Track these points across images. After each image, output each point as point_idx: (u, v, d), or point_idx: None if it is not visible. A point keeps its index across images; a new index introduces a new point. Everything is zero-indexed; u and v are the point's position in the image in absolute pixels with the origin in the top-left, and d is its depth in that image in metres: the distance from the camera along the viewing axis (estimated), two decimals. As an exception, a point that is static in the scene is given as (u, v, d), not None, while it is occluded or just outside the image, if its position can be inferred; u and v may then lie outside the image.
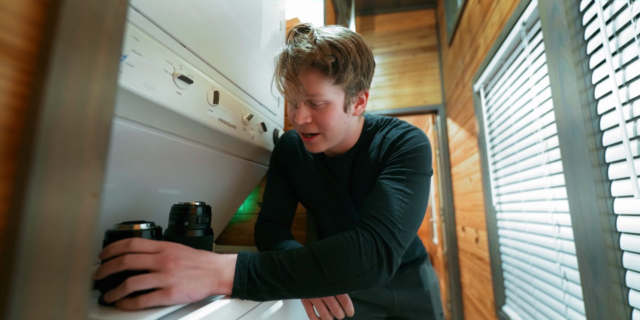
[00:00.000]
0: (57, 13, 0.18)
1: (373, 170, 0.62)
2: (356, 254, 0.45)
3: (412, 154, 0.56)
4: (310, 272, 0.43)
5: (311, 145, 0.60)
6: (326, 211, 0.74)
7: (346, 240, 0.46)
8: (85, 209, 0.19)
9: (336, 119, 0.57)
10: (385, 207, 0.50)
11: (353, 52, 0.53)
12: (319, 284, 0.43)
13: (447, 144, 2.63)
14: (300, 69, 0.53)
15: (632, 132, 0.65)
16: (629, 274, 0.68)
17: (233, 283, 0.41)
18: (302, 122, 0.56)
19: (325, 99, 0.54)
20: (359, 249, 0.45)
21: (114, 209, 0.54)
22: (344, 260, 0.44)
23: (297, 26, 0.56)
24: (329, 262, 0.44)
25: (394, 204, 0.50)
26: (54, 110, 0.18)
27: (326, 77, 0.53)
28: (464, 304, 2.29)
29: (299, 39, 0.54)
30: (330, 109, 0.56)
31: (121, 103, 0.40)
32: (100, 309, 0.36)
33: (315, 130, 0.58)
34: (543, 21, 0.96)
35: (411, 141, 0.58)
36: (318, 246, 0.46)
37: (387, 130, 0.64)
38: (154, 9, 0.44)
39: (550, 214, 1.06)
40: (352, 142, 0.66)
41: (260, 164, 0.88)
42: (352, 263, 0.44)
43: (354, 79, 0.55)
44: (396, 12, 3.07)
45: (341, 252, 0.44)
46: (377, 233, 0.47)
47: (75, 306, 0.18)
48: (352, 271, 0.44)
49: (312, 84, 0.53)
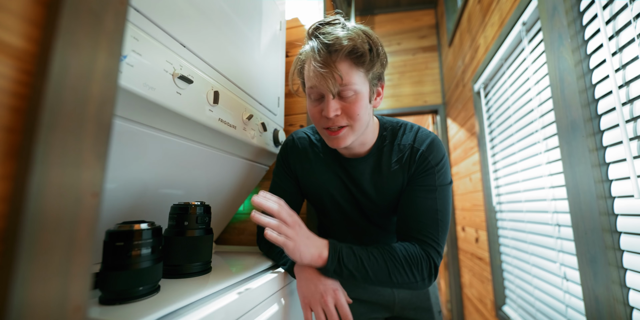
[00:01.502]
0: (57, 13, 0.18)
1: (398, 179, 0.65)
2: (415, 270, 0.57)
3: (442, 168, 0.63)
4: (381, 273, 0.55)
5: (338, 139, 0.59)
6: (338, 210, 0.73)
7: (410, 256, 0.57)
8: (85, 209, 0.19)
9: (364, 108, 0.58)
10: (431, 229, 0.60)
11: (379, 42, 0.57)
12: (384, 283, 0.56)
13: (447, 144, 2.64)
14: (338, 56, 0.53)
15: (632, 132, 0.65)
16: (629, 274, 0.68)
17: (327, 261, 0.53)
18: (333, 113, 0.56)
19: (356, 88, 0.55)
20: (419, 266, 0.57)
21: (114, 209, 0.54)
22: (406, 272, 0.56)
23: (320, 21, 0.57)
24: (396, 271, 0.56)
25: (435, 225, 0.60)
26: (54, 110, 0.18)
27: (359, 66, 0.55)
28: (464, 304, 2.29)
29: (331, 29, 0.54)
30: (359, 99, 0.56)
31: (121, 103, 0.40)
32: (100, 309, 0.36)
33: (344, 123, 0.58)
34: (543, 21, 0.96)
35: (438, 152, 0.63)
36: (388, 255, 0.56)
37: (408, 137, 0.65)
38: (154, 9, 0.44)
39: (550, 214, 1.06)
40: (368, 142, 0.66)
41: (260, 164, 0.88)
42: (411, 276, 0.57)
43: (379, 68, 0.58)
44: (396, 12, 3.07)
45: (405, 266, 0.56)
46: (430, 254, 0.58)
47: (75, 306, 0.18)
48: (409, 280, 0.57)
49: (346, 73, 0.54)
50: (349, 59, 0.54)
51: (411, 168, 0.64)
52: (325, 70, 0.54)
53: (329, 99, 0.56)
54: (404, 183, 0.65)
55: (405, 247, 0.58)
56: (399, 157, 0.65)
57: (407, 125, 0.68)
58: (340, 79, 0.54)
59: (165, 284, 0.45)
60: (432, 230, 0.60)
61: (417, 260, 0.57)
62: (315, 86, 0.56)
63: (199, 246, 0.52)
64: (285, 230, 0.51)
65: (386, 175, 0.66)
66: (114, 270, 0.38)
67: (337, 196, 0.71)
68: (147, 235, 0.41)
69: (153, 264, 0.41)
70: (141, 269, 0.39)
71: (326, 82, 0.54)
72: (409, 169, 0.64)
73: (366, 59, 0.54)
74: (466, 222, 2.17)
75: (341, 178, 0.70)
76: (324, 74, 0.54)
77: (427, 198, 0.61)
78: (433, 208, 0.61)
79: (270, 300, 0.54)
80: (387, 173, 0.66)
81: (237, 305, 0.43)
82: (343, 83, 0.54)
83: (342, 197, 0.71)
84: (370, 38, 0.56)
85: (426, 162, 0.62)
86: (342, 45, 0.52)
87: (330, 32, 0.54)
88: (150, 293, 0.40)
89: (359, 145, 0.65)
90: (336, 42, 0.53)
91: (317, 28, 0.56)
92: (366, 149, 0.66)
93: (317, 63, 0.54)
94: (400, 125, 0.68)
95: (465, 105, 2.05)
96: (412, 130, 0.66)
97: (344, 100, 0.56)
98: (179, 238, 0.51)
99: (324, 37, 0.54)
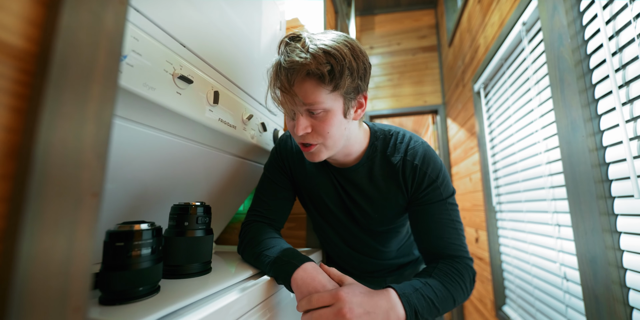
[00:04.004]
0: (57, 13, 0.18)
1: (392, 192, 0.64)
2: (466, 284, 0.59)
3: (443, 180, 0.63)
4: (448, 304, 0.55)
5: (311, 154, 0.58)
6: (329, 214, 0.72)
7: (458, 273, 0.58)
8: (85, 209, 0.19)
9: (336, 126, 0.56)
10: (456, 241, 0.62)
11: (348, 57, 0.51)
12: (449, 309, 0.56)
13: (447, 144, 2.63)
14: (295, 79, 0.51)
15: (632, 132, 0.65)
16: (629, 274, 0.68)
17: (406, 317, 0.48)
18: (302, 132, 0.54)
19: (324, 106, 0.53)
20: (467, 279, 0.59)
21: (114, 209, 0.54)
22: (462, 291, 0.58)
23: (288, 35, 0.55)
24: (456, 294, 0.56)
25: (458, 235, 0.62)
26: (54, 110, 0.18)
27: (323, 85, 0.51)
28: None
29: (291, 48, 0.52)
30: (329, 117, 0.54)
31: (121, 103, 0.40)
32: (100, 309, 0.36)
33: (316, 140, 0.56)
34: (543, 21, 0.96)
35: (435, 163, 0.62)
36: (449, 283, 0.56)
37: (400, 148, 0.63)
38: (154, 9, 0.44)
39: (550, 214, 1.06)
40: (357, 152, 0.64)
41: (260, 164, 0.88)
42: (466, 292, 0.59)
43: (352, 83, 0.54)
44: (396, 12, 3.07)
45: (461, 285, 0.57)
46: (468, 264, 0.61)
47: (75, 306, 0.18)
48: (465, 296, 0.59)
49: (308, 94, 0.52)
50: (310, 80, 0.51)
51: (408, 184, 0.62)
52: (285, 96, 0.53)
53: (298, 116, 0.55)
54: (402, 197, 0.64)
55: (449, 265, 0.59)
56: (390, 169, 0.63)
57: (398, 134, 0.66)
58: (301, 102, 0.52)
59: (165, 284, 0.45)
60: (458, 241, 0.61)
61: (463, 275, 0.58)
62: (281, 104, 0.56)
63: (199, 246, 0.52)
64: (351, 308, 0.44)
65: (379, 187, 0.64)
66: (114, 271, 0.38)
67: (328, 201, 0.70)
68: (147, 235, 0.41)
69: (153, 264, 0.41)
70: (141, 269, 0.39)
71: (288, 103, 0.54)
72: (407, 185, 0.63)
73: (326, 80, 0.51)
74: (466, 222, 2.17)
75: (333, 183, 0.69)
76: (285, 96, 0.54)
77: (441, 213, 0.61)
78: (449, 220, 0.61)
79: (271, 300, 0.53)
80: (380, 184, 0.64)
81: (238, 305, 0.43)
82: (306, 103, 0.52)
83: (333, 203, 0.70)
84: (332, 57, 0.50)
85: (426, 176, 0.61)
86: (296, 69, 0.51)
87: (289, 52, 0.52)
88: (150, 293, 0.40)
89: (344, 156, 0.64)
90: (292, 67, 0.51)
91: (286, 43, 0.54)
92: (353, 158, 0.65)
93: (277, 88, 0.54)
94: (392, 133, 0.66)
95: (465, 105, 2.05)
96: (404, 141, 0.64)
97: (314, 117, 0.55)
98: (179, 238, 0.51)
99: (284, 57, 0.52)
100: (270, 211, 0.69)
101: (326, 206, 0.71)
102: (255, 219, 0.68)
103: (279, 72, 0.53)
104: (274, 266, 0.53)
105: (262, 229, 0.65)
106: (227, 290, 0.46)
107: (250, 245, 0.61)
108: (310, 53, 0.50)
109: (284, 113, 0.58)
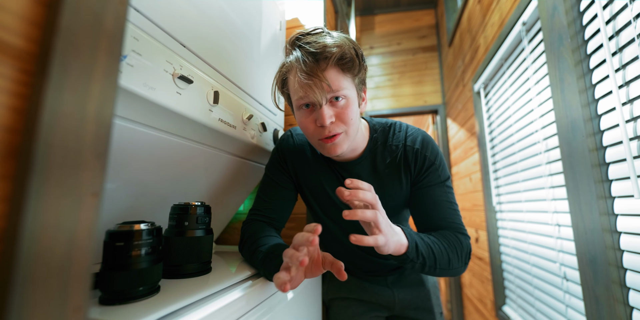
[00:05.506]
0: (57, 13, 0.18)
1: (396, 179, 0.66)
2: (461, 255, 0.59)
3: (441, 162, 0.65)
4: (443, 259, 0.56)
5: (334, 146, 0.58)
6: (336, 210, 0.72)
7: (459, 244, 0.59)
8: (85, 209, 0.19)
9: (355, 113, 0.58)
10: (454, 219, 0.63)
11: (359, 48, 0.58)
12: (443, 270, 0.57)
13: (447, 144, 2.64)
14: (327, 64, 0.54)
15: (632, 132, 0.65)
16: (629, 274, 0.68)
17: (407, 248, 0.51)
18: (329, 121, 0.55)
19: (346, 93, 0.56)
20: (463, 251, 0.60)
21: (114, 209, 0.54)
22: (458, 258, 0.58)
23: (299, 32, 0.57)
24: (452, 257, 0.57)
25: (455, 215, 0.63)
26: (54, 110, 0.18)
27: (346, 72, 0.55)
28: (464, 304, 2.29)
29: (316, 38, 0.55)
30: (350, 104, 0.57)
31: (121, 103, 0.40)
32: (100, 309, 0.36)
33: (339, 129, 0.57)
34: (543, 21, 0.96)
35: (433, 147, 0.65)
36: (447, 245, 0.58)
37: (399, 137, 0.66)
38: (154, 9, 0.44)
39: (550, 214, 1.06)
40: (360, 146, 0.66)
41: (260, 164, 0.88)
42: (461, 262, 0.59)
43: (364, 74, 0.59)
44: (396, 12, 3.07)
45: (458, 251, 0.58)
46: (468, 243, 0.61)
47: (75, 306, 0.18)
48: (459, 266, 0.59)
49: (334, 80, 0.54)
50: (337, 66, 0.55)
51: (411, 167, 0.64)
52: (313, 80, 0.54)
53: (322, 107, 0.55)
54: (405, 183, 0.65)
55: (449, 232, 0.60)
56: (392, 158, 0.65)
57: (395, 124, 0.69)
58: (329, 87, 0.54)
59: (165, 284, 0.45)
60: (455, 220, 0.63)
61: (462, 242, 0.59)
62: (304, 97, 0.56)
63: (199, 246, 0.52)
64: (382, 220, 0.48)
65: (383, 177, 0.66)
66: (114, 271, 0.38)
67: (333, 196, 0.70)
68: (147, 235, 0.41)
69: (153, 264, 0.41)
70: (141, 269, 0.39)
71: (315, 92, 0.54)
72: (409, 168, 0.64)
73: (354, 65, 0.55)
74: (466, 222, 2.17)
75: (338, 178, 0.69)
76: (311, 84, 0.54)
77: (440, 194, 0.63)
78: (448, 201, 0.63)
79: (271, 300, 0.53)
80: (384, 174, 0.66)
81: (238, 305, 0.43)
82: (333, 89, 0.54)
83: (337, 197, 0.70)
84: (354, 44, 0.57)
85: (425, 159, 0.63)
86: (331, 52, 0.53)
87: (315, 41, 0.54)
88: (150, 293, 0.40)
89: (351, 151, 0.65)
90: (324, 50, 0.53)
91: (298, 38, 0.56)
92: (357, 153, 0.66)
93: (303, 73, 0.54)
94: (390, 125, 0.69)
95: (465, 105, 2.05)
96: (402, 130, 0.67)
97: (336, 106, 0.56)
98: (179, 238, 0.51)
99: (309, 46, 0.54)
100: (270, 210, 0.69)
101: (331, 202, 0.71)
102: (255, 218, 0.68)
103: (306, 61, 0.54)
104: (265, 261, 0.53)
105: (261, 227, 0.65)
106: (227, 290, 0.47)
107: (247, 243, 0.62)
108: (339, 38, 0.55)
109: (300, 110, 0.59)
